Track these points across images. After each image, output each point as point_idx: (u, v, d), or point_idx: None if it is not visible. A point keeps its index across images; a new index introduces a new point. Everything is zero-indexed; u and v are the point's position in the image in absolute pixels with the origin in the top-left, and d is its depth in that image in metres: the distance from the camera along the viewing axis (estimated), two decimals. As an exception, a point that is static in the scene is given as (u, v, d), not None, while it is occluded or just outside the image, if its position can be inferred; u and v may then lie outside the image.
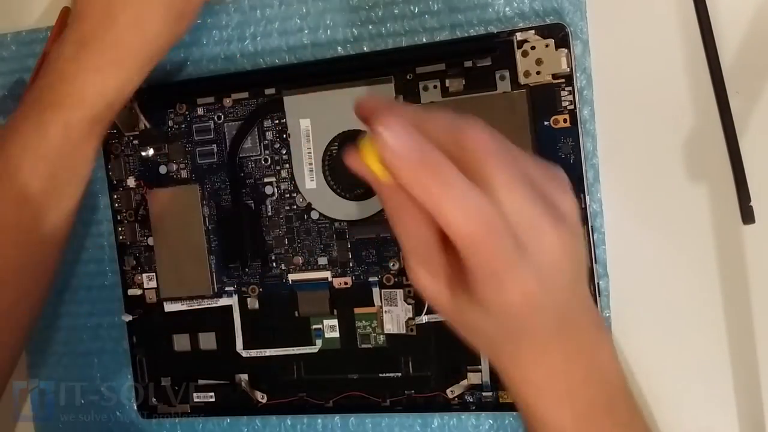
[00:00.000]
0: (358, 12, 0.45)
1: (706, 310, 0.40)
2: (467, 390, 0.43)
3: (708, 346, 0.40)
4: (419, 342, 0.43)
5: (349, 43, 0.45)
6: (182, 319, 0.47)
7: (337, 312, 0.45)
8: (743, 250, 0.40)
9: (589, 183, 0.41)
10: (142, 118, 0.47)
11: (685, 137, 0.40)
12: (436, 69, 0.42)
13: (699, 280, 0.40)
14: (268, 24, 0.46)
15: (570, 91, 0.40)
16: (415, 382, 0.44)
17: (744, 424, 0.40)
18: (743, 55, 0.39)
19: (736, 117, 0.38)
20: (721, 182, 0.39)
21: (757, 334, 0.40)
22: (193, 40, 0.47)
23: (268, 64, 0.46)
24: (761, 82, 0.39)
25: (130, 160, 0.48)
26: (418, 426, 0.45)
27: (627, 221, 0.41)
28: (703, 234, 0.40)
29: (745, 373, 0.40)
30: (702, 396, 0.40)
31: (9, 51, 0.51)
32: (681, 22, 0.40)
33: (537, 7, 0.41)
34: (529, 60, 0.40)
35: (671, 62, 0.40)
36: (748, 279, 0.40)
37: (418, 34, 0.43)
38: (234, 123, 0.46)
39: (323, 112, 0.43)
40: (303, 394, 0.46)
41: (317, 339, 0.45)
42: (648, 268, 0.38)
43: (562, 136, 0.40)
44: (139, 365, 0.48)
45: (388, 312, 0.44)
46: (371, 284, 0.44)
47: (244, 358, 0.47)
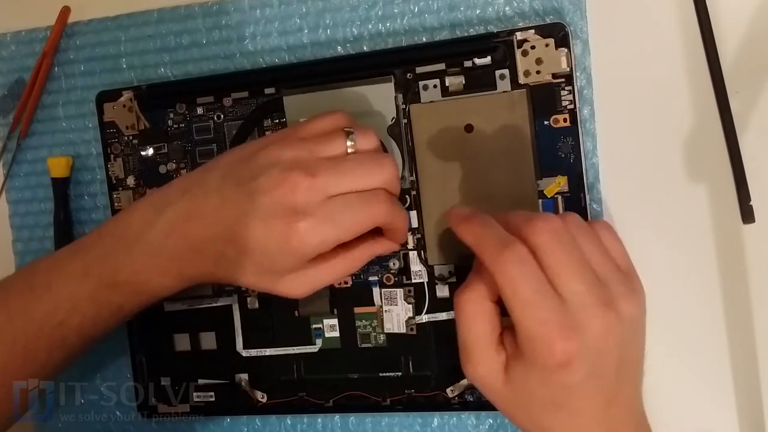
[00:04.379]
0: (358, 11, 0.45)
1: (706, 309, 0.40)
2: (467, 389, 0.43)
3: (708, 346, 0.40)
4: (419, 341, 0.43)
5: (349, 43, 0.45)
6: (182, 318, 0.47)
7: (337, 311, 0.45)
8: (743, 249, 0.40)
9: (589, 182, 0.41)
10: (142, 117, 0.47)
11: (685, 136, 0.40)
12: (435, 68, 0.42)
13: (699, 279, 0.40)
14: (268, 23, 0.46)
15: (570, 90, 0.40)
16: (415, 382, 0.44)
17: (744, 424, 0.40)
18: (743, 54, 0.39)
19: (736, 116, 0.38)
20: (721, 181, 0.39)
21: (757, 334, 0.40)
22: (192, 40, 0.47)
23: (267, 64, 0.46)
24: (761, 82, 0.39)
25: (129, 159, 0.48)
26: (418, 425, 0.45)
27: (627, 220, 0.41)
28: (702, 233, 0.40)
29: (745, 373, 0.40)
30: (702, 396, 0.40)
31: (9, 51, 0.51)
32: (681, 22, 0.40)
33: (537, 6, 0.41)
34: (529, 59, 0.40)
35: (671, 62, 0.40)
36: (748, 278, 0.40)
37: (418, 34, 0.43)
38: (234, 122, 0.46)
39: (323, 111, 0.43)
40: (303, 394, 0.46)
41: (317, 338, 0.45)
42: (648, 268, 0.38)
43: (561, 135, 0.40)
44: (139, 365, 0.48)
45: (388, 311, 0.44)
46: (371, 284, 0.44)
47: (244, 357, 0.47)
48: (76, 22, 0.50)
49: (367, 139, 0.38)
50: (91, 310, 0.40)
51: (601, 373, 0.34)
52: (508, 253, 0.33)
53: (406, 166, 0.43)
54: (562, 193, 0.40)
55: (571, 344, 0.32)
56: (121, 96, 0.47)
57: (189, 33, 0.48)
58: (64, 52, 0.50)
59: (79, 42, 0.50)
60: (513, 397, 0.35)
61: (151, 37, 0.48)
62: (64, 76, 0.50)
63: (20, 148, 0.51)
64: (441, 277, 0.43)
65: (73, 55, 0.50)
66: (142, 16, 0.49)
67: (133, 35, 0.49)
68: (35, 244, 0.51)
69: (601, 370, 0.34)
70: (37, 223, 0.51)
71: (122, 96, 0.47)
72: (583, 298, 0.33)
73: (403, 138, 0.43)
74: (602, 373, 0.34)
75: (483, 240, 0.35)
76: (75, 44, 0.50)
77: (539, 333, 0.33)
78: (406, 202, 0.43)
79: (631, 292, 0.35)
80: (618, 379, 0.35)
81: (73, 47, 0.50)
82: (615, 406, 0.35)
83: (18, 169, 0.52)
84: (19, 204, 0.52)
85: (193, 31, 0.47)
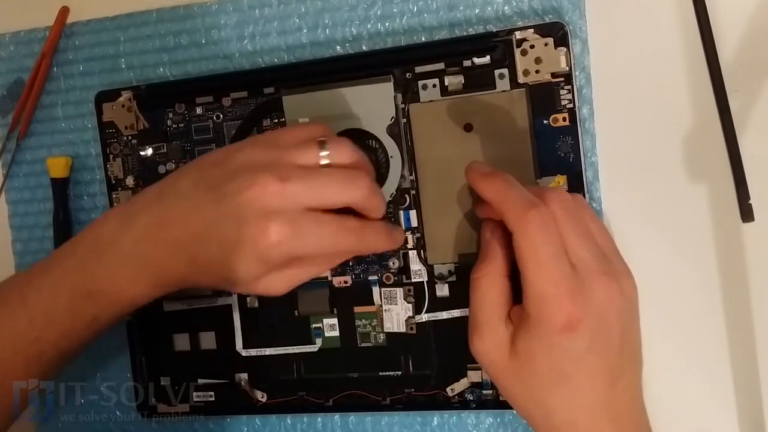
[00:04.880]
0: (357, 11, 0.44)
1: (705, 308, 0.40)
2: (467, 388, 0.43)
3: (708, 345, 0.40)
4: (419, 340, 0.43)
5: (348, 42, 0.45)
6: (182, 318, 0.47)
7: (336, 311, 0.45)
8: (743, 248, 0.40)
9: (588, 181, 0.41)
10: (141, 117, 0.47)
11: (685, 135, 0.40)
12: (435, 68, 0.42)
13: (698, 278, 0.40)
14: (267, 23, 0.46)
15: (569, 89, 0.40)
16: (415, 381, 0.44)
17: (744, 424, 0.40)
18: (742, 53, 0.39)
19: (736, 115, 0.38)
20: (720, 180, 0.39)
21: (757, 333, 0.40)
22: (191, 40, 0.47)
23: (266, 64, 0.46)
24: (760, 81, 0.39)
25: (129, 159, 0.48)
26: (418, 424, 0.45)
27: (626, 219, 0.41)
28: (702, 232, 0.40)
29: (745, 372, 0.40)
30: (702, 395, 0.40)
31: (8, 51, 0.51)
32: (680, 21, 0.40)
33: (536, 5, 0.41)
34: (528, 59, 0.40)
35: (670, 61, 0.40)
36: (748, 277, 0.40)
37: (417, 33, 0.43)
38: (233, 122, 0.46)
39: (322, 111, 0.43)
40: (303, 393, 0.46)
41: (317, 338, 0.45)
42: (647, 267, 0.38)
43: (561, 134, 0.40)
44: (139, 365, 0.48)
45: (388, 311, 0.44)
46: (371, 283, 0.44)
47: (243, 357, 0.47)
48: (75, 22, 0.50)
49: (342, 153, 0.37)
50: (66, 322, 0.40)
51: (603, 346, 0.34)
52: (534, 213, 0.34)
53: (406, 165, 0.43)
54: (561, 192, 0.40)
55: (578, 307, 0.33)
56: (120, 96, 0.47)
57: (188, 33, 0.48)
58: (63, 52, 0.50)
59: (78, 42, 0.50)
60: (516, 370, 0.35)
61: (150, 37, 0.48)
62: (63, 76, 0.50)
63: (19, 149, 0.51)
64: (441, 277, 0.43)
65: (72, 55, 0.50)
66: (141, 16, 0.49)
67: (132, 35, 0.49)
68: (35, 245, 0.51)
69: (604, 343, 0.34)
70: (37, 223, 0.51)
71: (121, 96, 0.47)
72: (590, 265, 0.35)
73: (402, 137, 0.43)
74: (605, 347, 0.34)
75: (507, 197, 0.35)
76: (74, 44, 0.50)
77: (551, 293, 0.33)
78: (406, 201, 0.43)
79: (630, 272, 0.37)
80: (620, 357, 0.35)
81: (72, 47, 0.50)
82: (618, 388, 0.35)
83: (17, 169, 0.52)
84: (19, 204, 0.52)
85: (192, 31, 0.47)
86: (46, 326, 0.40)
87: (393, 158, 0.43)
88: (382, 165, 0.43)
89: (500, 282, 0.36)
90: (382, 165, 0.43)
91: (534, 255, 0.34)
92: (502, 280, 0.36)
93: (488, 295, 0.36)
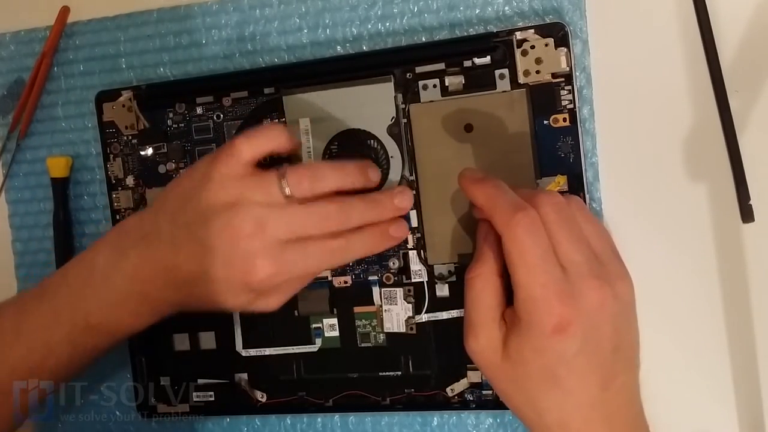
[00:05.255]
0: (357, 11, 0.45)
1: (705, 308, 0.40)
2: (467, 388, 0.43)
3: (708, 346, 0.40)
4: (419, 341, 0.43)
5: (348, 42, 0.45)
6: (182, 318, 0.47)
7: (336, 311, 0.45)
8: (743, 248, 0.40)
9: (589, 182, 0.41)
10: (142, 117, 0.47)
11: (685, 136, 0.40)
12: (435, 68, 0.42)
13: (698, 278, 0.40)
14: (267, 23, 0.46)
15: (569, 90, 0.40)
16: (414, 381, 0.44)
17: (744, 424, 0.40)
18: (742, 53, 0.39)
19: (736, 115, 0.38)
20: (720, 181, 0.39)
21: (757, 333, 0.40)
22: (192, 40, 0.47)
23: (267, 64, 0.46)
24: (760, 81, 0.39)
25: (129, 159, 0.48)
26: (417, 424, 0.45)
27: (626, 220, 0.41)
28: (702, 232, 0.40)
29: (745, 372, 0.40)
30: (701, 395, 0.40)
31: (8, 51, 0.51)
32: (680, 21, 0.40)
33: (536, 6, 0.41)
34: (529, 59, 0.40)
35: (671, 61, 0.40)
36: (748, 277, 0.40)
37: (418, 33, 0.44)
38: (233, 122, 0.46)
39: (323, 111, 0.43)
40: (303, 393, 0.46)
41: (317, 338, 0.45)
42: (647, 267, 0.38)
43: (561, 135, 0.40)
44: (138, 365, 0.48)
45: (388, 311, 0.44)
46: (371, 283, 0.44)
47: (243, 357, 0.46)
48: (75, 22, 0.50)
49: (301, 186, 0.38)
50: (66, 352, 0.41)
51: (595, 349, 0.34)
52: (521, 216, 0.34)
53: (406, 165, 0.43)
54: (561, 192, 0.40)
55: (568, 310, 0.33)
56: (121, 96, 0.47)
57: (188, 33, 0.48)
58: (64, 52, 0.50)
59: (78, 42, 0.50)
60: (509, 371, 0.36)
61: (150, 36, 0.48)
62: (63, 76, 0.50)
63: (20, 148, 0.51)
64: (441, 277, 0.43)
65: (73, 55, 0.50)
66: (141, 16, 0.49)
67: (132, 35, 0.49)
68: (35, 245, 0.51)
69: (595, 346, 0.34)
70: (37, 223, 0.51)
71: (121, 96, 0.47)
72: (581, 268, 0.35)
73: (402, 138, 0.43)
74: (597, 350, 0.34)
75: (496, 202, 0.36)
76: (74, 44, 0.50)
77: (540, 295, 0.34)
78: (406, 201, 0.43)
79: (626, 275, 0.37)
80: (613, 360, 0.35)
81: (73, 47, 0.50)
82: (611, 390, 0.35)
83: (17, 169, 0.52)
84: (19, 204, 0.52)
85: (192, 30, 0.47)
86: (45, 356, 0.41)
87: (393, 158, 0.43)
88: (383, 165, 0.43)
89: (494, 282, 0.36)
90: (382, 165, 0.43)
91: (522, 258, 0.34)
92: (495, 280, 0.37)
93: (482, 296, 0.36)
